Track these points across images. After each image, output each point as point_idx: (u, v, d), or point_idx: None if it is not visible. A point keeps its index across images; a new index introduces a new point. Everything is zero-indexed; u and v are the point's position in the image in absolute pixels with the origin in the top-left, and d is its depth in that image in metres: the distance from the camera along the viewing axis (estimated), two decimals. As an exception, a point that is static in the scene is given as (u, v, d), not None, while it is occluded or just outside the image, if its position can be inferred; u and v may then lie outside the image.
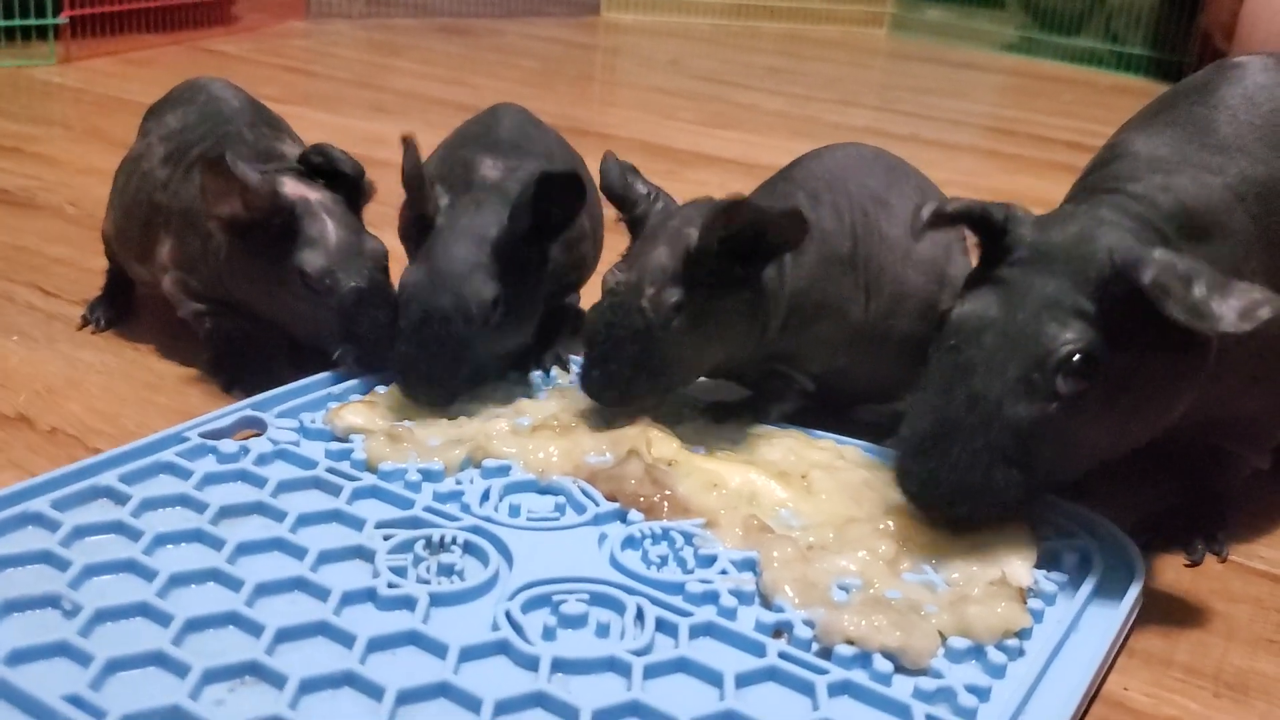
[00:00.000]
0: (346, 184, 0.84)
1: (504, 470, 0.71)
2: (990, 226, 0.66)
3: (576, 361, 0.84)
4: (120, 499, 0.66)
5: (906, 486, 0.65)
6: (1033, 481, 0.64)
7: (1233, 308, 0.58)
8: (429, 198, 0.79)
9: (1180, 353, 0.63)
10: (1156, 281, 0.59)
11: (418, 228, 0.80)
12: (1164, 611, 0.67)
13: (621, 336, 0.72)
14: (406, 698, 0.53)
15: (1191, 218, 0.65)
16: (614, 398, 0.73)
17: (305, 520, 0.66)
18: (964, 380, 0.63)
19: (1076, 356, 0.61)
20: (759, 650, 0.57)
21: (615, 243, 0.81)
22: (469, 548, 0.64)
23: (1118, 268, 0.61)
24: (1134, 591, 0.64)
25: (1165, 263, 0.60)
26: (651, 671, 0.56)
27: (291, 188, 0.81)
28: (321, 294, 0.80)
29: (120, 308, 0.98)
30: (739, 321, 0.74)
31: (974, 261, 0.81)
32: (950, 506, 0.64)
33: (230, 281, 0.84)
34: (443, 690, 0.53)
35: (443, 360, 0.76)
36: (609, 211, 0.81)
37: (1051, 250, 0.64)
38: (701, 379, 0.81)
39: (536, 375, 0.84)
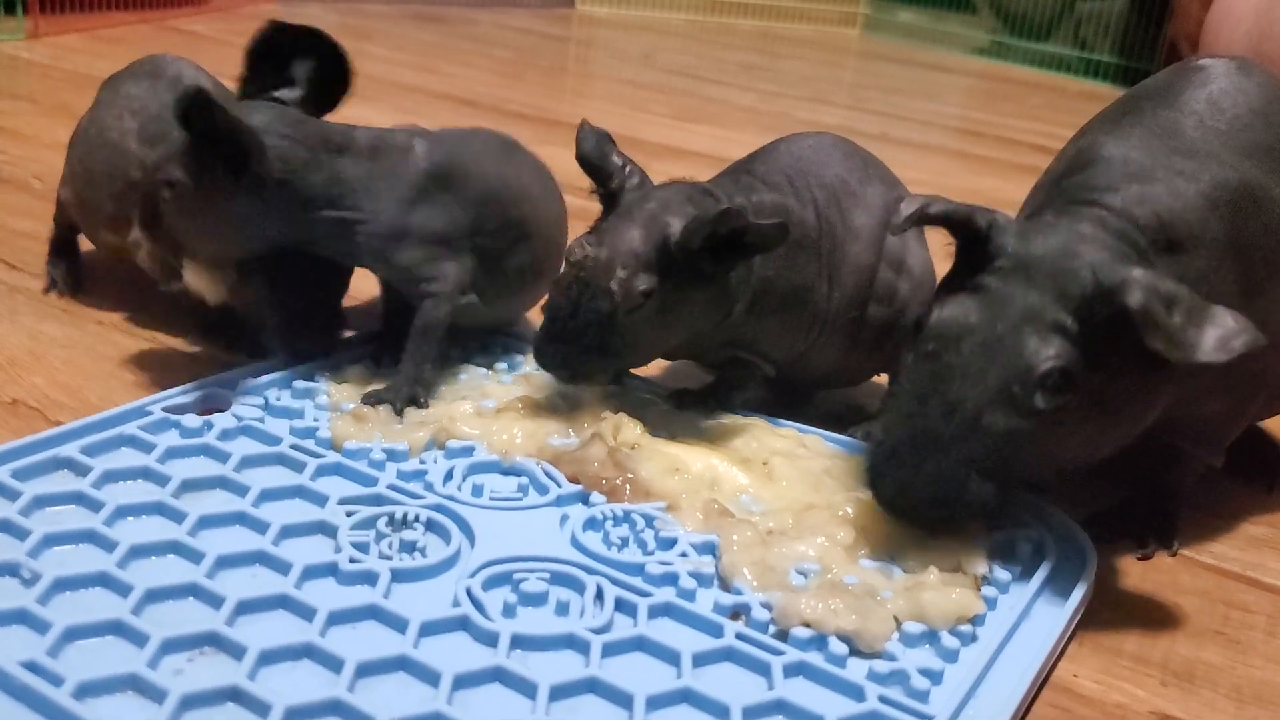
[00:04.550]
0: None
1: (468, 451, 0.72)
2: (972, 232, 0.66)
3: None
4: (81, 470, 0.66)
5: (880, 492, 0.65)
6: (1005, 491, 0.64)
7: (1210, 337, 0.58)
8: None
9: (1154, 370, 0.63)
10: (1143, 307, 0.59)
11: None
12: (1114, 602, 0.68)
13: (587, 318, 0.71)
14: (366, 670, 0.53)
15: (1166, 230, 0.65)
16: (568, 375, 0.73)
17: (268, 495, 0.66)
18: (941, 387, 0.63)
19: (1056, 374, 0.61)
20: (716, 631, 0.58)
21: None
22: (431, 525, 0.64)
23: (1102, 288, 0.61)
24: (1085, 582, 0.65)
25: (1149, 285, 0.60)
26: (610, 649, 0.56)
27: None
28: None
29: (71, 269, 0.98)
30: (704, 310, 0.74)
31: (931, 257, 0.82)
32: (924, 515, 0.64)
33: None
34: (402, 664, 0.54)
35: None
36: (583, 181, 0.78)
37: (1033, 262, 0.63)
38: (666, 363, 0.81)
39: (503, 362, 0.85)
